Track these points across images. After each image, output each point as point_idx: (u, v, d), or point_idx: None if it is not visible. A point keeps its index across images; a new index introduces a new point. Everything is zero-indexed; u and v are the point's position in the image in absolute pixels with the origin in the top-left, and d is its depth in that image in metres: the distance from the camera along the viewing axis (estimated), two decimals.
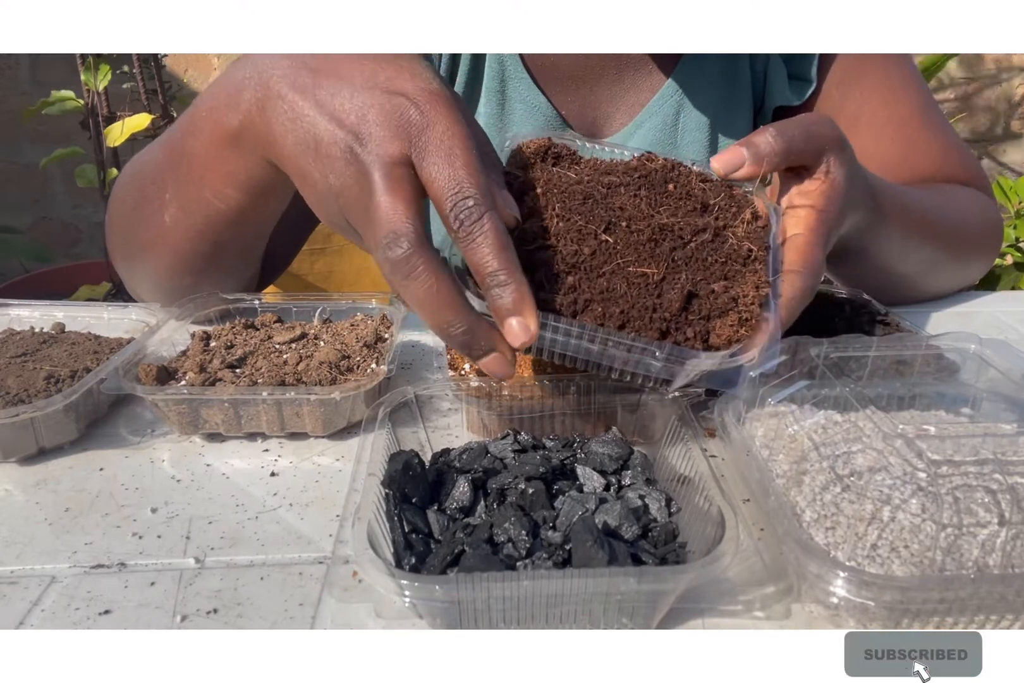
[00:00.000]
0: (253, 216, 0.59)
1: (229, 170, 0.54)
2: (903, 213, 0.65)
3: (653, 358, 0.42)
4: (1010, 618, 0.36)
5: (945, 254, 0.74)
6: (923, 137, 0.79)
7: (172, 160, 0.59)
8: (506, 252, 0.40)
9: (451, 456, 0.46)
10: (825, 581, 0.35)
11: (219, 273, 0.65)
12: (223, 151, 0.53)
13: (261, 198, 0.57)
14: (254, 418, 0.52)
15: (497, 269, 0.39)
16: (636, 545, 0.39)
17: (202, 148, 0.55)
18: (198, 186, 0.57)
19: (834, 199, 0.51)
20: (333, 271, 1.08)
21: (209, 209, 0.58)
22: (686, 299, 0.43)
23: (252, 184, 0.55)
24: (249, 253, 0.67)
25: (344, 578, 0.40)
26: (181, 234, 0.60)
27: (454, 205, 0.40)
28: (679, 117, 0.79)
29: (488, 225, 0.39)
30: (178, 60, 2.11)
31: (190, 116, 0.57)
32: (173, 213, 0.60)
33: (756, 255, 0.46)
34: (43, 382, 0.52)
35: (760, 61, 0.80)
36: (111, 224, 0.69)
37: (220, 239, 0.61)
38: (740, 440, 0.44)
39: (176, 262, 0.63)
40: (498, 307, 0.40)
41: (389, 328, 0.62)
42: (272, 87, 0.47)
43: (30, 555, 0.42)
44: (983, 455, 0.39)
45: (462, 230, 0.40)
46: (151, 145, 0.64)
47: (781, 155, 0.49)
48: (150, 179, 0.61)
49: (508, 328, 0.40)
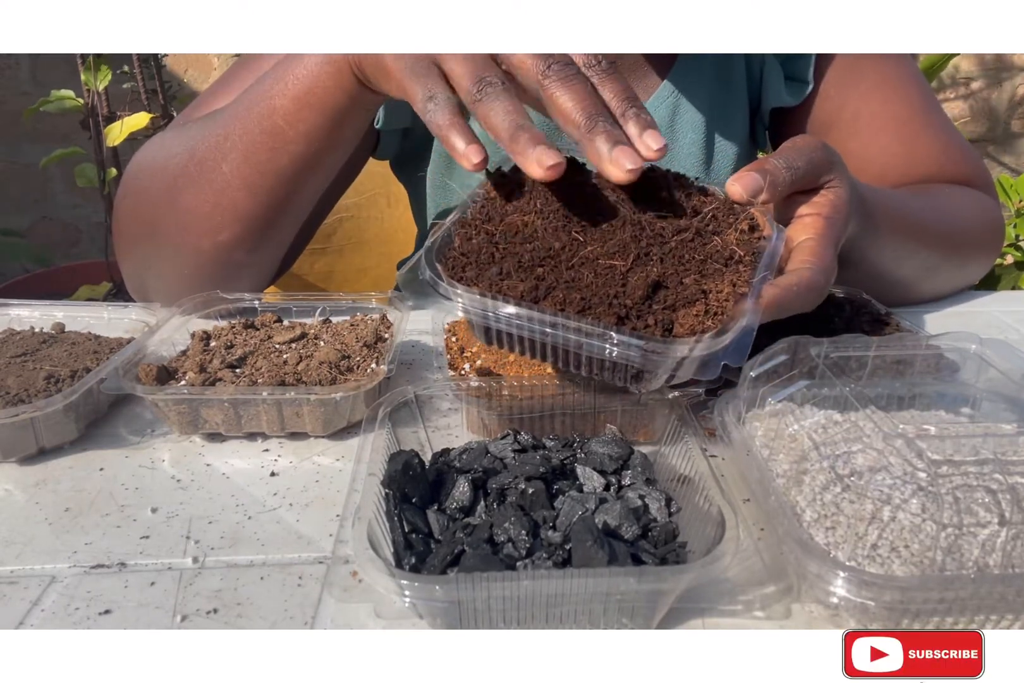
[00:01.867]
0: (317, 147, 0.61)
1: (309, 89, 0.58)
2: (896, 219, 0.65)
3: (603, 341, 0.41)
4: (1010, 618, 0.36)
5: (942, 258, 0.74)
6: (924, 137, 0.79)
7: (237, 110, 0.62)
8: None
9: (451, 456, 0.46)
10: (825, 581, 0.35)
11: (259, 245, 0.67)
12: (308, 76, 0.58)
13: (333, 117, 0.59)
14: (254, 418, 0.52)
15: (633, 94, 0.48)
16: (636, 545, 0.38)
17: (281, 79, 0.59)
18: (268, 117, 0.60)
19: (840, 208, 0.52)
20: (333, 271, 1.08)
21: (276, 140, 0.60)
22: (652, 289, 0.43)
23: (329, 100, 0.58)
24: (296, 217, 0.68)
25: (344, 578, 0.40)
26: (239, 182, 0.62)
27: (547, 65, 0.46)
28: (675, 119, 0.79)
29: (580, 77, 0.46)
30: (178, 60, 2.11)
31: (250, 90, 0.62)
32: (234, 160, 0.62)
33: (742, 259, 0.45)
34: (43, 382, 0.52)
35: (756, 62, 0.80)
36: (128, 214, 0.69)
37: (277, 185, 0.62)
38: (740, 440, 0.44)
39: (223, 228, 0.64)
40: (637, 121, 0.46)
41: (389, 328, 0.62)
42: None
43: (30, 555, 0.42)
44: (983, 455, 0.39)
45: (555, 76, 0.46)
46: (185, 126, 0.67)
47: (790, 184, 0.51)
48: (199, 142, 0.63)
49: (649, 136, 0.46)
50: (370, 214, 1.08)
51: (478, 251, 0.45)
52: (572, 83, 0.46)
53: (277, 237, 0.68)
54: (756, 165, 0.50)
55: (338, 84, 0.57)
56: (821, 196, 0.53)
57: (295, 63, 0.59)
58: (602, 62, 0.47)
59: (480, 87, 0.46)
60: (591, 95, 0.46)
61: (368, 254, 1.09)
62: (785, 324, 0.57)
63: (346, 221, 1.07)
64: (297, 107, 0.59)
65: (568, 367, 0.46)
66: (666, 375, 0.44)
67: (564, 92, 0.45)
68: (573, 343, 0.42)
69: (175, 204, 0.65)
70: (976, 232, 0.78)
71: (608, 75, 0.47)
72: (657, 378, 0.45)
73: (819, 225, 0.51)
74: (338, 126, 0.60)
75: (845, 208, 0.53)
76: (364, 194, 1.06)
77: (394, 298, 0.65)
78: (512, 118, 0.45)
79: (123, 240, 0.70)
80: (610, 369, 0.45)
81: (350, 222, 1.07)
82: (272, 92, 0.60)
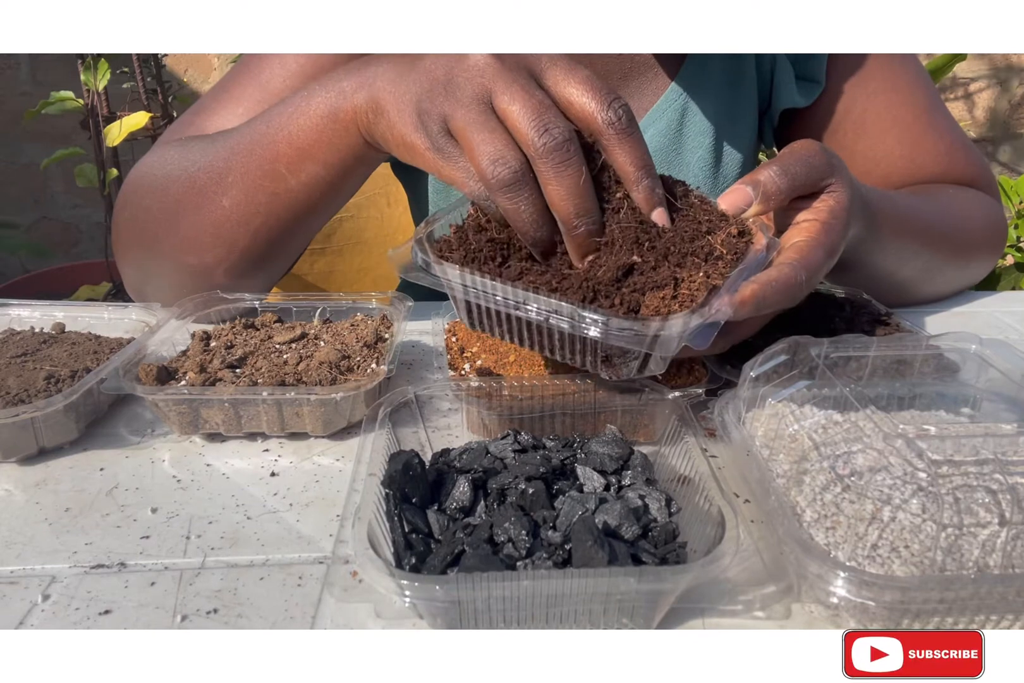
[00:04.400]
0: (318, 197, 0.61)
1: (313, 143, 0.57)
2: (898, 221, 0.65)
3: (570, 317, 0.43)
4: (1010, 618, 0.36)
5: (943, 259, 0.74)
6: (928, 138, 0.79)
7: (239, 145, 0.61)
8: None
9: (451, 456, 0.46)
10: (825, 581, 0.35)
11: (255, 272, 0.66)
12: (313, 129, 0.57)
13: (335, 172, 0.59)
14: (254, 418, 0.52)
15: (650, 163, 0.46)
16: (636, 545, 0.38)
17: (286, 126, 0.58)
18: (271, 161, 0.59)
19: (839, 213, 0.52)
20: (333, 271, 1.08)
21: (278, 185, 0.59)
22: (624, 273, 0.44)
23: (333, 157, 0.57)
24: (295, 251, 0.68)
25: (344, 578, 0.40)
26: (238, 219, 0.61)
27: (543, 143, 0.44)
28: (683, 121, 0.78)
29: (574, 165, 0.45)
30: (178, 60, 2.11)
31: (273, 112, 0.60)
32: (234, 196, 0.61)
33: (722, 256, 0.46)
34: (43, 382, 0.52)
35: (767, 62, 0.80)
36: (127, 227, 0.69)
37: (276, 225, 0.62)
38: (740, 440, 0.44)
39: (218, 258, 0.64)
40: (649, 197, 0.46)
41: (389, 328, 0.62)
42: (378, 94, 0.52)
43: (30, 555, 0.42)
44: (983, 455, 0.39)
45: (617, 133, 0.45)
46: (188, 144, 0.66)
47: (786, 193, 0.50)
48: (201, 171, 0.62)
49: (657, 215, 0.46)
50: (370, 214, 1.08)
51: (466, 235, 0.47)
52: (565, 173, 0.44)
53: (274, 266, 0.68)
54: (749, 177, 0.50)
55: (343, 142, 0.56)
56: (821, 202, 0.52)
57: (302, 109, 0.57)
58: (622, 118, 0.45)
59: (495, 173, 0.45)
60: (581, 189, 0.44)
61: (368, 254, 1.09)
62: (785, 324, 0.57)
63: (346, 221, 1.07)
64: (300, 158, 0.58)
65: (544, 351, 0.47)
66: (635, 361, 0.45)
67: (556, 183, 0.44)
68: (544, 319, 0.44)
69: (174, 228, 0.64)
70: (978, 233, 0.78)
71: (627, 136, 0.45)
72: (627, 364, 0.46)
73: (814, 230, 0.51)
74: (340, 179, 0.60)
75: (844, 214, 0.52)
76: (364, 194, 1.06)
77: (394, 298, 0.65)
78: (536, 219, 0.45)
79: (122, 248, 0.70)
80: (580, 352, 0.46)
81: (350, 222, 1.07)
82: (276, 137, 0.59)
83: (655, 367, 0.46)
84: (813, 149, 0.53)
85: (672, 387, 0.51)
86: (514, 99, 0.45)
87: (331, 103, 0.55)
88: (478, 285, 0.45)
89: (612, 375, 0.47)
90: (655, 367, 0.46)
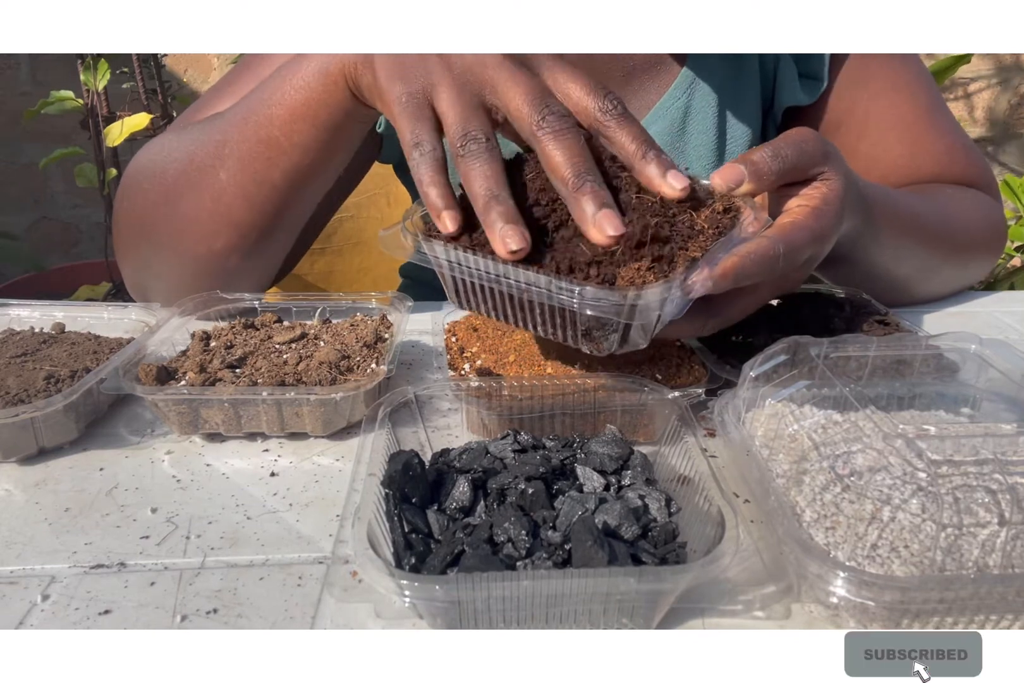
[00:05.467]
0: (311, 160, 0.61)
1: (304, 101, 0.58)
2: (896, 219, 0.65)
3: (547, 287, 0.43)
4: (1010, 618, 0.36)
5: (942, 258, 0.74)
6: (929, 138, 0.79)
7: (236, 116, 0.62)
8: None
9: (451, 456, 0.46)
10: (825, 581, 0.35)
11: (258, 253, 0.67)
12: (304, 88, 0.58)
13: (328, 131, 0.59)
14: (254, 418, 0.52)
15: (651, 139, 0.47)
16: (636, 545, 0.38)
17: (279, 88, 0.59)
18: (266, 126, 0.60)
19: (831, 200, 0.52)
20: (333, 271, 1.08)
21: (272, 150, 0.60)
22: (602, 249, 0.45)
23: (323, 113, 0.58)
24: (293, 226, 0.68)
25: (344, 578, 0.40)
26: (235, 191, 0.62)
27: (542, 116, 0.46)
28: (686, 119, 0.78)
29: (573, 132, 0.46)
30: (178, 60, 2.11)
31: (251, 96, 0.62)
32: (231, 167, 0.61)
33: (705, 232, 0.46)
34: (43, 382, 0.52)
35: (769, 60, 0.80)
36: (126, 217, 0.69)
37: (273, 195, 0.62)
38: (740, 440, 0.44)
39: (219, 235, 0.64)
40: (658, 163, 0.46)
41: (389, 328, 0.62)
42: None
43: (30, 555, 0.42)
44: (983, 455, 0.39)
45: (615, 117, 0.47)
46: (185, 129, 0.67)
47: (777, 174, 0.50)
48: (198, 147, 0.63)
49: (672, 176, 0.46)
50: (370, 214, 1.08)
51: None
52: (565, 137, 0.45)
53: (273, 245, 0.68)
54: (743, 157, 0.50)
55: (332, 98, 0.57)
56: (813, 188, 0.52)
57: (294, 71, 0.59)
58: (617, 106, 0.47)
59: (464, 142, 0.46)
60: (582, 151, 0.45)
61: (368, 254, 1.09)
62: (785, 324, 0.57)
63: (346, 221, 1.07)
64: (292, 119, 0.59)
65: (527, 326, 0.48)
66: (615, 334, 0.46)
67: (555, 146, 0.45)
68: (522, 291, 0.44)
69: (172, 208, 0.65)
70: (977, 233, 0.78)
71: (624, 119, 0.47)
72: (606, 338, 0.46)
73: (802, 213, 0.51)
74: (333, 138, 0.60)
75: (837, 202, 0.52)
76: (364, 194, 1.06)
77: (394, 298, 0.65)
78: (489, 185, 0.45)
79: (122, 241, 0.70)
80: (561, 326, 0.47)
81: (350, 222, 1.07)
82: (269, 101, 0.60)
83: (638, 339, 0.46)
84: (808, 135, 0.53)
85: (672, 387, 0.51)
86: (517, 83, 0.47)
87: (322, 61, 0.57)
88: (461, 260, 0.46)
89: (594, 349, 0.47)
90: (638, 339, 0.46)
